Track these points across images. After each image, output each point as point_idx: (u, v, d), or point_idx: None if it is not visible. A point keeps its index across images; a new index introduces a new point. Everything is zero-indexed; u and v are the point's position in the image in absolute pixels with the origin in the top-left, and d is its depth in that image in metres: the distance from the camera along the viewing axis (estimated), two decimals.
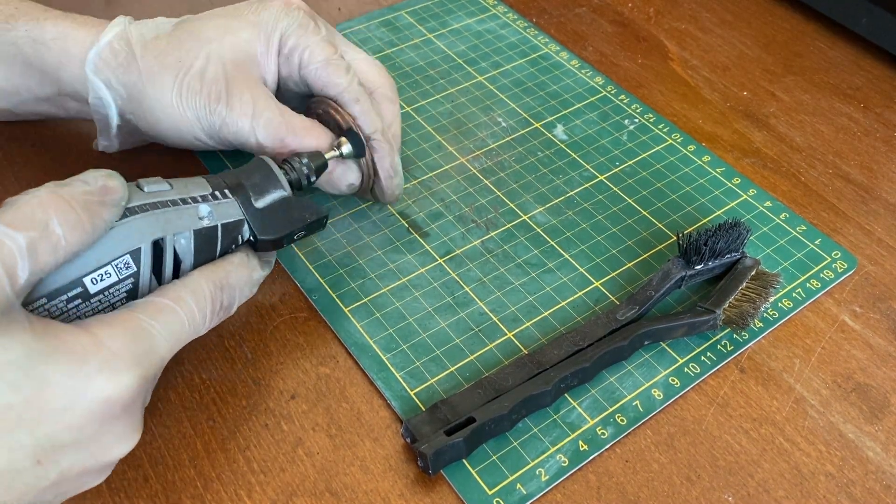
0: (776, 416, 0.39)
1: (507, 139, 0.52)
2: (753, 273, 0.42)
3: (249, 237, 0.37)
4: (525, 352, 0.40)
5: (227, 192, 0.36)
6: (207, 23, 0.43)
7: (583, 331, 0.40)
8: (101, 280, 0.32)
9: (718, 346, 0.41)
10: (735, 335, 0.42)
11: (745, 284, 0.41)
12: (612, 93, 0.56)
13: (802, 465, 0.37)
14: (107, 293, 0.32)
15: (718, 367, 0.40)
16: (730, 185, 0.50)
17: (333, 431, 0.37)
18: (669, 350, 0.41)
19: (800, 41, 0.62)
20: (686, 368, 0.40)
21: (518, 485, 0.36)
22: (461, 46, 0.59)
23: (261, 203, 0.37)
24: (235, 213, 0.36)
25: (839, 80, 0.58)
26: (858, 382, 0.40)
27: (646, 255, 0.45)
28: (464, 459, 0.36)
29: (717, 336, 0.42)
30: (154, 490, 0.35)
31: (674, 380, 0.40)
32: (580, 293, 0.43)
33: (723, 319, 0.41)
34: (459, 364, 0.40)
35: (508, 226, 0.47)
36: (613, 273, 0.44)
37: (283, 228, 0.37)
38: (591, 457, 0.37)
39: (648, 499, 0.36)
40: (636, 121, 0.54)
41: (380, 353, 0.40)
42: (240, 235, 0.37)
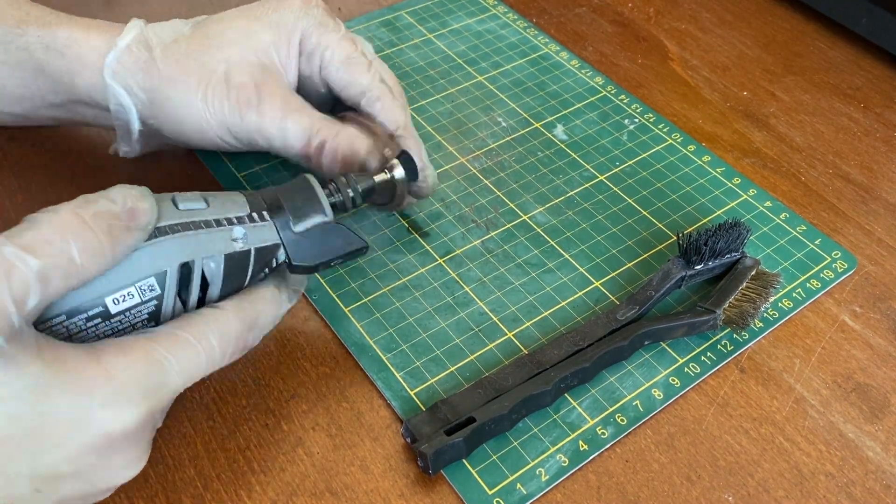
0: (776, 416, 0.39)
1: (507, 139, 0.52)
2: (753, 273, 0.42)
3: (284, 260, 0.36)
4: (525, 352, 0.40)
5: (266, 214, 0.35)
6: (227, 25, 0.43)
7: (583, 331, 0.40)
8: (123, 301, 0.31)
9: (718, 346, 0.41)
10: (735, 335, 0.42)
11: (746, 284, 0.41)
12: (612, 93, 0.56)
13: (802, 465, 0.37)
14: (128, 314, 0.31)
15: (718, 367, 0.40)
16: (730, 185, 0.50)
17: (333, 431, 0.37)
18: (669, 350, 0.41)
19: (800, 41, 0.62)
20: (686, 368, 0.40)
21: (518, 485, 0.36)
22: (461, 46, 0.59)
23: (300, 227, 0.35)
24: (272, 237, 0.35)
25: (839, 80, 0.58)
26: (858, 382, 0.40)
27: (646, 255, 0.45)
28: (464, 459, 0.36)
29: (718, 336, 0.42)
30: (154, 490, 0.35)
31: (674, 380, 0.40)
32: (580, 293, 0.43)
33: (723, 319, 0.41)
34: (459, 364, 0.40)
35: (508, 226, 0.47)
36: (613, 273, 0.44)
37: (321, 256, 0.36)
38: (592, 457, 0.37)
39: (648, 499, 0.36)
40: (636, 121, 0.54)
41: (380, 353, 0.40)
42: (274, 259, 0.35)
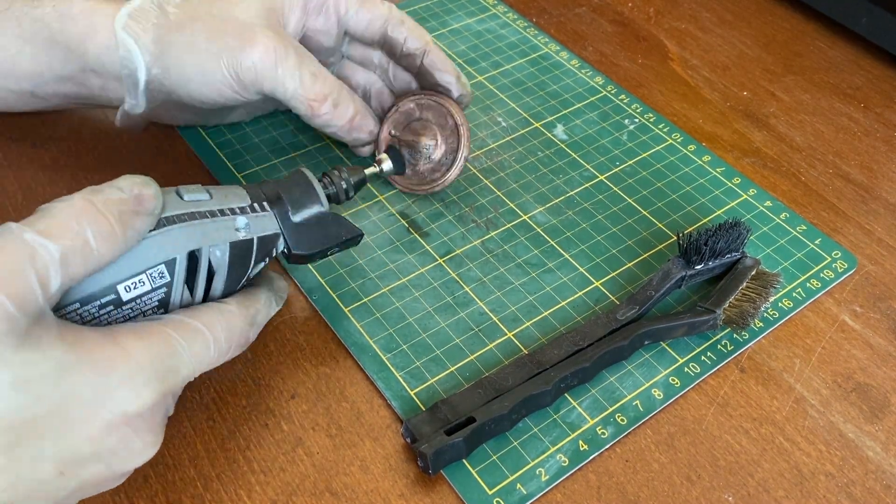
0: (776, 416, 0.39)
1: (507, 139, 0.52)
2: (753, 273, 0.42)
3: (283, 250, 0.37)
4: (525, 352, 0.40)
5: (266, 205, 0.36)
6: None
7: (583, 331, 0.40)
8: (135, 288, 0.32)
9: (718, 346, 0.41)
10: (735, 335, 0.42)
11: (746, 284, 0.41)
12: (612, 93, 0.56)
13: (802, 465, 0.37)
14: (139, 301, 0.32)
15: (718, 367, 0.40)
16: (730, 185, 0.50)
17: (333, 431, 0.37)
18: (669, 350, 0.41)
19: (800, 41, 0.62)
20: (686, 368, 0.40)
21: (518, 484, 0.36)
22: (461, 46, 0.59)
23: (298, 217, 0.37)
24: (272, 227, 0.36)
25: (839, 80, 0.58)
26: (858, 382, 0.40)
27: (646, 255, 0.45)
28: (464, 459, 0.36)
29: (718, 336, 0.42)
30: (154, 490, 0.35)
31: (674, 379, 0.40)
32: (580, 293, 0.43)
33: (723, 319, 0.41)
34: (459, 364, 0.40)
35: (508, 226, 0.47)
36: (613, 273, 0.44)
37: (319, 244, 0.37)
38: (592, 456, 0.37)
39: (648, 498, 0.36)
40: (636, 121, 0.54)
41: (380, 353, 0.40)
42: (274, 249, 0.37)
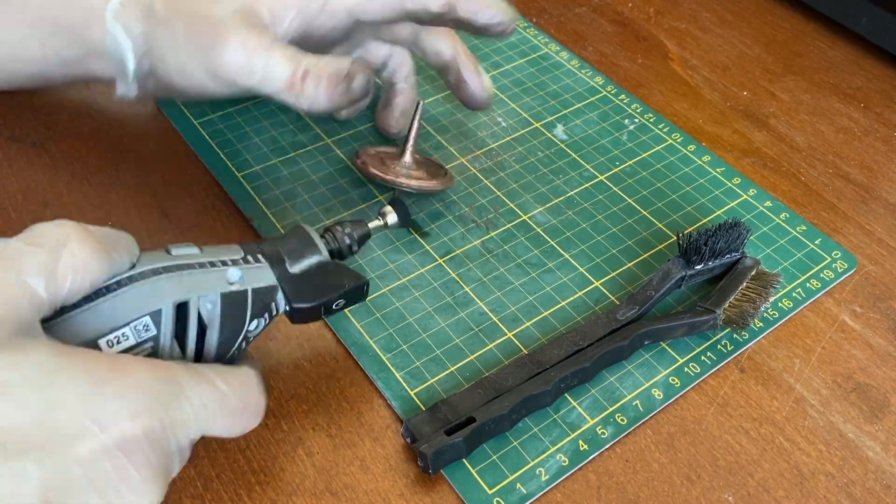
0: (776, 416, 0.39)
1: (507, 139, 0.52)
2: (753, 273, 0.42)
3: (285, 308, 0.34)
4: (525, 352, 0.40)
5: (261, 257, 0.34)
6: None
7: (583, 331, 0.40)
8: (118, 342, 0.30)
9: (718, 346, 0.41)
10: (735, 335, 0.42)
11: (745, 284, 0.41)
12: (612, 93, 0.56)
13: (802, 465, 0.37)
14: None
15: (718, 367, 0.40)
16: (730, 185, 0.50)
17: (333, 431, 0.37)
18: (669, 350, 0.41)
19: (800, 41, 0.62)
20: (686, 368, 0.40)
21: (518, 484, 0.36)
22: None
23: (296, 268, 0.34)
24: (268, 279, 0.34)
25: (839, 80, 0.58)
26: (858, 382, 0.40)
27: (646, 255, 0.45)
28: (464, 459, 0.36)
29: (717, 336, 0.42)
30: None
31: (674, 380, 0.40)
32: (580, 293, 0.43)
33: (723, 319, 0.41)
34: (459, 364, 0.40)
35: (508, 226, 0.47)
36: (613, 273, 0.44)
37: (320, 295, 0.35)
38: (592, 456, 0.37)
39: (648, 498, 0.36)
40: (636, 121, 0.54)
41: (380, 353, 0.40)
42: (273, 304, 0.34)
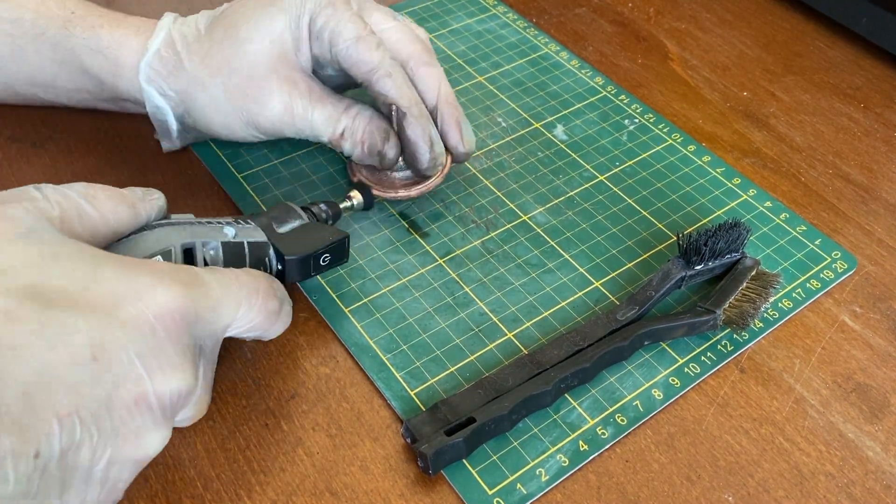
0: (776, 416, 0.39)
1: (507, 139, 0.52)
2: (753, 273, 0.42)
3: (277, 266, 0.39)
4: (525, 352, 0.40)
5: (251, 221, 0.39)
6: (242, 16, 0.44)
7: (583, 331, 0.40)
8: None
9: (718, 347, 0.41)
10: (735, 335, 0.42)
11: (745, 284, 0.41)
12: (612, 93, 0.56)
13: (802, 465, 0.37)
14: None
15: (718, 367, 0.40)
16: (730, 186, 0.50)
17: (333, 431, 0.37)
18: (669, 350, 0.41)
19: (800, 41, 0.62)
20: (686, 368, 0.40)
21: (518, 485, 0.36)
22: (461, 46, 0.59)
23: (282, 229, 0.39)
24: (259, 236, 0.38)
25: (839, 80, 0.58)
26: (858, 382, 0.40)
27: (646, 255, 0.45)
28: (464, 459, 0.36)
29: (717, 336, 0.42)
30: (154, 490, 0.35)
31: (674, 380, 0.40)
32: (580, 293, 0.43)
33: (723, 319, 0.41)
34: (459, 364, 0.40)
35: (508, 226, 0.47)
36: (613, 273, 0.44)
37: (306, 248, 0.39)
38: (592, 457, 0.37)
39: (648, 499, 0.36)
40: (636, 121, 0.54)
41: (380, 354, 0.40)
42: (267, 259, 0.38)
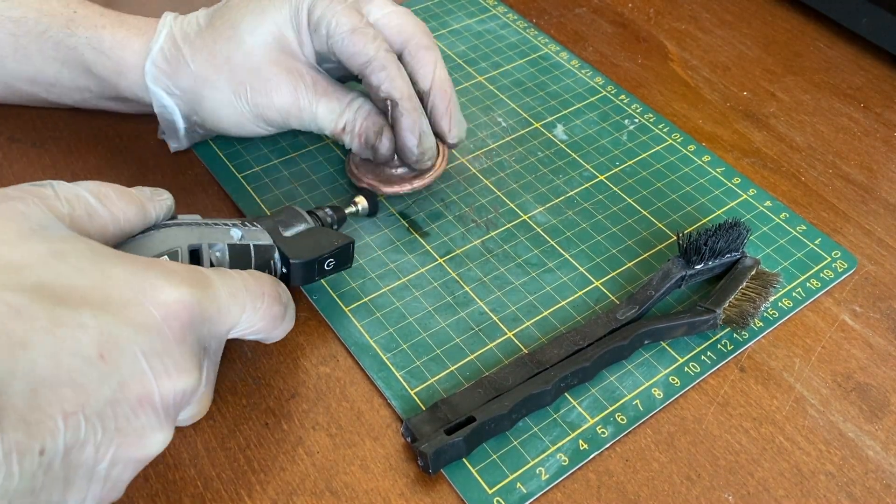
0: (776, 416, 0.39)
1: (507, 139, 0.52)
2: (753, 273, 0.42)
3: (282, 269, 0.39)
4: (525, 351, 0.40)
5: (257, 224, 0.39)
6: (242, 10, 0.44)
7: (583, 330, 0.40)
8: None
9: (718, 346, 0.41)
10: (735, 334, 0.42)
11: (745, 284, 0.41)
12: (612, 93, 0.56)
13: (802, 465, 0.37)
14: None
15: (718, 367, 0.40)
16: (730, 185, 0.50)
17: (334, 431, 0.37)
18: (669, 349, 0.41)
19: (800, 41, 0.62)
20: (686, 368, 0.40)
21: (518, 484, 0.36)
22: (461, 47, 0.59)
23: (288, 233, 0.39)
24: (265, 239, 0.38)
25: (839, 80, 0.58)
26: (858, 382, 0.40)
27: (646, 255, 0.45)
28: (464, 459, 0.36)
29: (717, 335, 0.42)
30: (154, 490, 0.35)
31: (674, 379, 0.40)
32: (580, 293, 0.43)
33: (723, 319, 0.41)
34: (459, 363, 0.40)
35: (508, 226, 0.47)
36: (613, 273, 0.44)
37: (312, 252, 0.39)
38: (592, 456, 0.37)
39: (648, 498, 0.36)
40: (636, 121, 0.54)
41: (380, 353, 0.40)
42: (272, 262, 0.38)
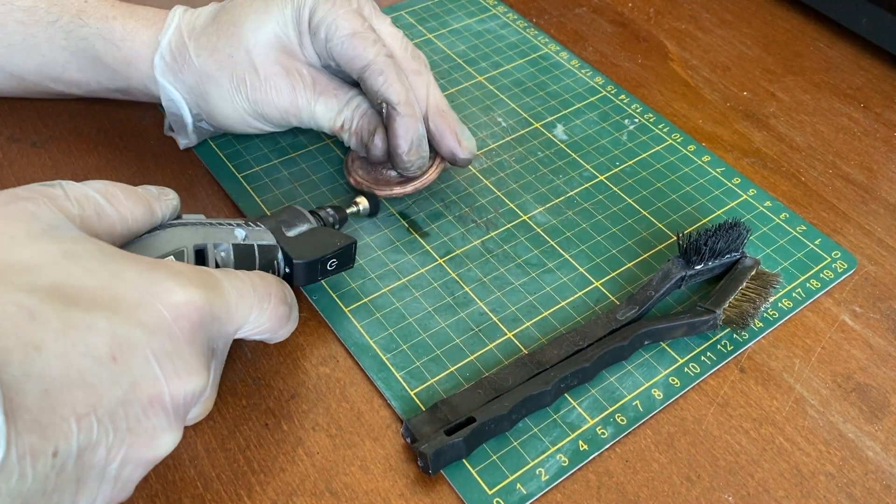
0: (776, 416, 0.39)
1: (507, 139, 0.52)
2: (753, 273, 0.42)
3: (285, 269, 0.39)
4: (525, 352, 0.40)
5: (260, 224, 0.39)
6: (246, 9, 0.44)
7: (583, 331, 0.40)
8: None
9: (718, 346, 0.41)
10: (735, 335, 0.42)
11: (745, 284, 0.41)
12: (612, 93, 0.56)
13: (802, 465, 0.37)
14: None
15: (718, 367, 0.40)
16: (730, 185, 0.50)
17: (333, 431, 0.37)
18: (669, 350, 0.41)
19: (800, 41, 0.62)
20: (686, 368, 0.40)
21: (518, 484, 0.36)
22: (461, 46, 0.59)
23: (291, 233, 0.40)
24: (269, 239, 0.39)
25: (839, 80, 0.58)
26: (858, 382, 0.40)
27: (646, 255, 0.45)
28: (464, 459, 0.36)
29: (717, 336, 0.42)
30: (154, 490, 0.35)
31: (674, 380, 0.40)
32: (580, 293, 0.43)
33: (723, 319, 0.41)
34: (459, 364, 0.40)
35: (508, 226, 0.47)
36: (613, 273, 0.44)
37: (315, 252, 0.39)
38: (591, 456, 0.37)
39: (648, 499, 0.36)
40: (636, 121, 0.54)
41: (380, 353, 0.40)
42: (276, 262, 0.39)
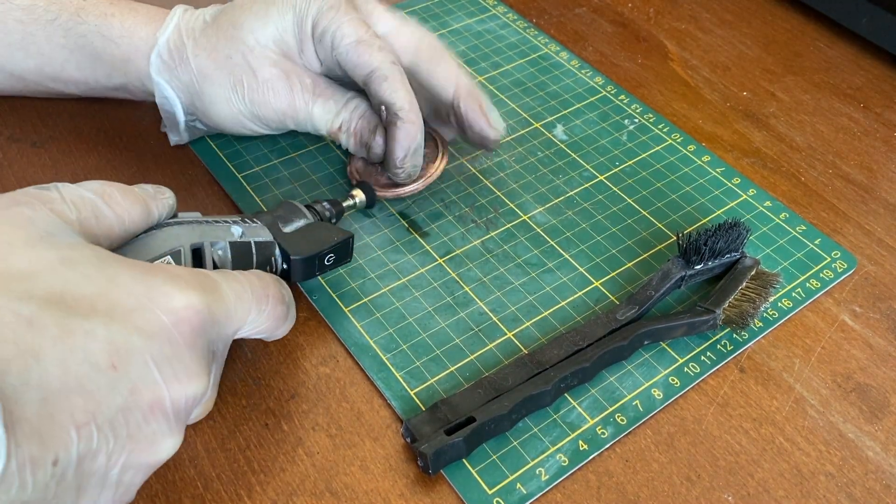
0: (776, 416, 0.39)
1: (508, 139, 0.52)
2: (753, 273, 0.42)
3: (283, 265, 0.39)
4: (525, 351, 0.40)
5: (257, 220, 0.39)
6: (247, 12, 0.44)
7: (583, 331, 0.40)
8: None
9: (718, 346, 0.41)
10: (735, 335, 0.42)
11: (745, 284, 0.41)
12: (612, 93, 0.56)
13: (802, 465, 0.37)
14: None
15: (718, 367, 0.40)
16: (730, 185, 0.50)
17: (333, 431, 0.37)
18: (669, 350, 0.41)
19: (800, 41, 0.62)
20: (686, 368, 0.40)
21: (518, 484, 0.36)
22: (461, 46, 0.59)
23: (288, 229, 0.40)
24: (266, 235, 0.39)
25: (839, 80, 0.58)
26: (858, 382, 0.40)
27: (646, 255, 0.45)
28: (464, 459, 0.36)
29: (717, 336, 0.42)
30: (154, 490, 0.35)
31: (674, 379, 0.40)
32: (580, 293, 0.43)
33: (723, 319, 0.41)
34: (459, 364, 0.40)
35: (508, 226, 0.47)
36: (613, 273, 0.44)
37: (312, 248, 0.39)
38: (591, 456, 0.37)
39: (648, 498, 0.36)
40: (636, 121, 0.54)
41: (380, 353, 0.40)
42: (273, 258, 0.39)
